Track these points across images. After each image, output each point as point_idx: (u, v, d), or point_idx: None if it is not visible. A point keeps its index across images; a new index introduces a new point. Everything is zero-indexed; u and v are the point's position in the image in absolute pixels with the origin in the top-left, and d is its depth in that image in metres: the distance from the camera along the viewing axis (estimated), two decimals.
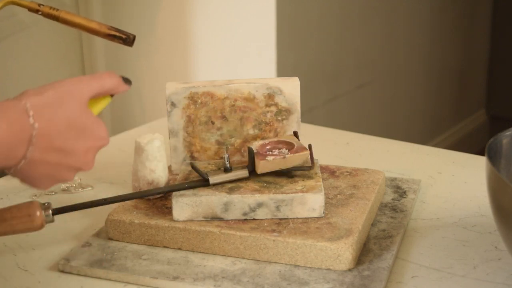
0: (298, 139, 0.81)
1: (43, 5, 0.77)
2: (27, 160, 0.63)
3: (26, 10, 0.78)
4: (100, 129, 0.68)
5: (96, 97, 0.68)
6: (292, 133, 0.84)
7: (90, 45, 2.09)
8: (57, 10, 0.77)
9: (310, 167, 0.78)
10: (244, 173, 0.77)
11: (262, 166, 0.76)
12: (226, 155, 0.77)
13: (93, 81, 0.68)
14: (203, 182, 0.76)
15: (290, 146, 0.79)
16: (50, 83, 0.66)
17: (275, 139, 0.81)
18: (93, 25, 0.78)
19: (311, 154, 0.78)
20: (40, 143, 0.63)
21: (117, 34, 0.77)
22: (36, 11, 0.77)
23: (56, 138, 0.65)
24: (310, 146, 0.78)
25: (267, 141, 0.80)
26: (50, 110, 0.64)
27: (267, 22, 1.81)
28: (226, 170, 0.77)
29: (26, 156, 0.63)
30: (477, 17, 2.91)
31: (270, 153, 0.78)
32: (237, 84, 0.86)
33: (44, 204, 0.71)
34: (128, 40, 0.78)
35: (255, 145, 0.78)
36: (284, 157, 0.76)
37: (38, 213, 0.69)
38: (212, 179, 0.76)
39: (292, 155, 0.77)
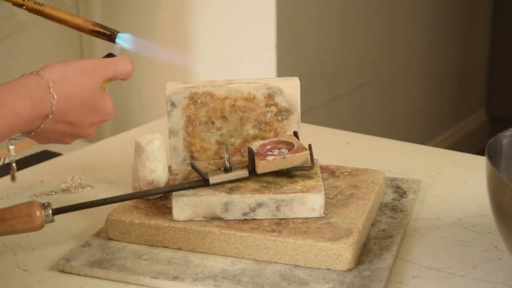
0: (298, 139, 0.81)
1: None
2: (38, 131, 0.68)
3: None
4: (109, 106, 0.73)
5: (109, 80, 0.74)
6: (292, 133, 0.84)
7: (90, 45, 2.09)
8: (42, 5, 0.76)
9: (310, 167, 0.78)
10: (244, 173, 0.77)
11: (262, 166, 0.76)
12: (226, 155, 0.77)
13: (110, 66, 0.73)
14: (203, 182, 0.76)
15: (290, 146, 0.79)
16: (69, 61, 0.71)
17: (275, 139, 0.81)
18: (78, 21, 0.77)
19: (311, 154, 0.78)
20: (54, 117, 0.68)
21: (102, 30, 0.77)
22: (21, 6, 0.76)
23: (69, 113, 0.70)
24: (310, 146, 0.78)
25: (267, 141, 0.80)
26: (68, 88, 0.69)
27: (267, 22, 1.81)
28: (226, 170, 0.77)
29: (39, 128, 0.68)
30: (477, 17, 2.91)
31: (270, 153, 0.78)
32: (237, 84, 0.86)
33: (44, 204, 0.71)
34: (112, 36, 0.77)
35: (255, 145, 0.78)
36: (284, 157, 0.76)
37: (38, 213, 0.70)
38: (212, 179, 0.76)
39: (292, 155, 0.77)
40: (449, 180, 0.93)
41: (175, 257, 0.73)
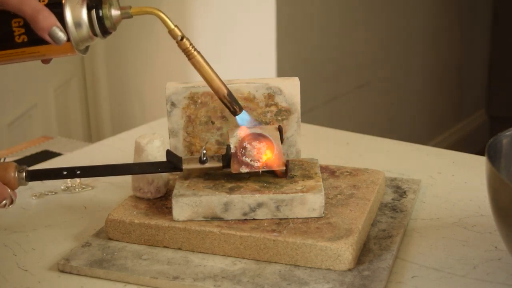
0: (282, 135, 0.79)
1: (186, 37, 0.75)
2: None
3: None
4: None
5: None
6: (277, 127, 0.81)
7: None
8: (195, 50, 0.75)
9: (285, 174, 0.78)
10: (218, 165, 0.78)
11: (235, 171, 0.77)
12: (203, 151, 0.78)
13: None
14: (176, 169, 0.77)
15: (269, 144, 0.77)
16: None
17: (259, 130, 0.79)
18: (215, 84, 0.76)
19: (286, 170, 0.77)
20: None
21: (228, 104, 0.78)
22: (174, 38, 0.74)
23: None
24: (288, 162, 0.77)
25: (248, 132, 0.78)
26: None
27: (267, 22, 1.81)
28: (202, 162, 0.78)
29: None
30: (477, 17, 2.91)
31: (244, 152, 0.77)
32: (237, 84, 0.86)
33: (20, 167, 0.73)
34: (234, 113, 0.78)
35: (235, 139, 0.77)
36: (259, 172, 0.77)
37: (12, 175, 0.72)
38: (185, 167, 0.77)
39: (267, 169, 0.77)
40: (449, 180, 0.93)
41: (175, 257, 0.73)
